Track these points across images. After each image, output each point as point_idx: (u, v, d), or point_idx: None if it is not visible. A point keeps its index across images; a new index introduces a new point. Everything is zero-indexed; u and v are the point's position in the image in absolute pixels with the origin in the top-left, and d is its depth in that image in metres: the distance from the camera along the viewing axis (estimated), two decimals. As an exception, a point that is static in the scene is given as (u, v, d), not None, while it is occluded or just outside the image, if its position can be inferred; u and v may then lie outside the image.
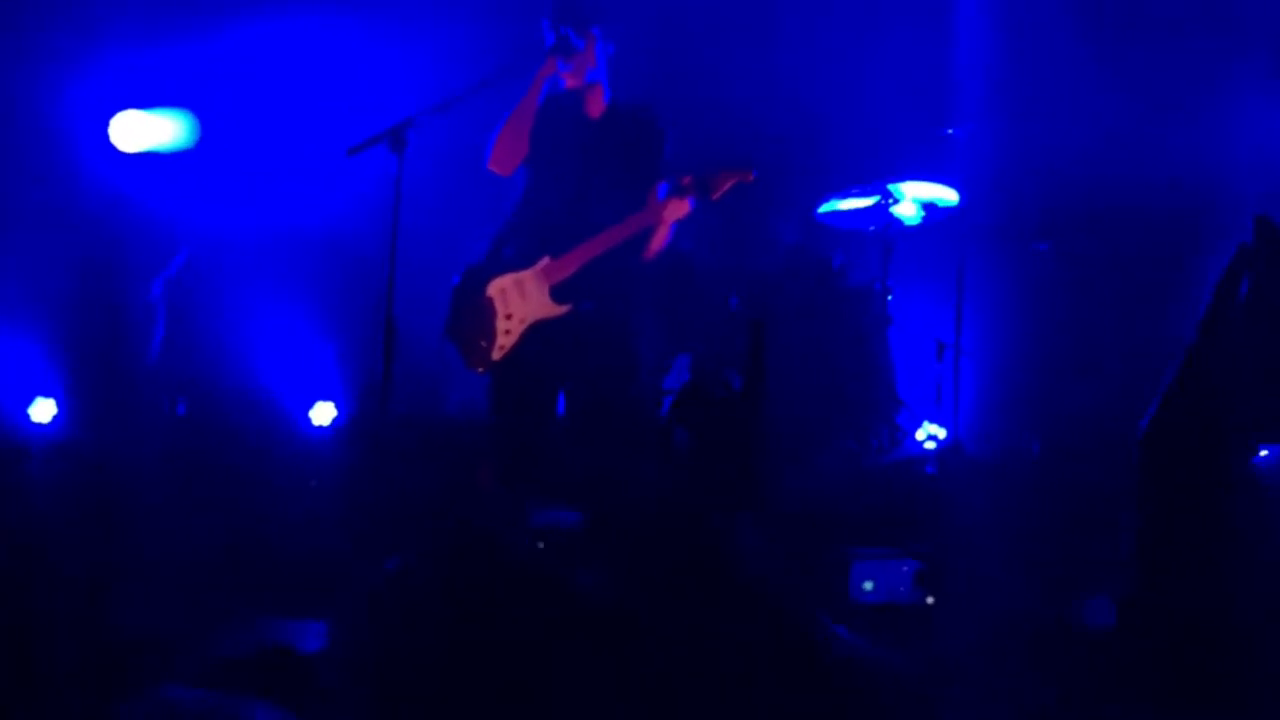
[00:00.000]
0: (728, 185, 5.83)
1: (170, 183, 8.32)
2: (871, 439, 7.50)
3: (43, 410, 7.85)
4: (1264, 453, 4.52)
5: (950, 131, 7.73)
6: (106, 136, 8.30)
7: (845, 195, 7.81)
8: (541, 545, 4.85)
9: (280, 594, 5.31)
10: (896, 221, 7.78)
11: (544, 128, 5.95)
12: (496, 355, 5.87)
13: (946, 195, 7.67)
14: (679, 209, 5.77)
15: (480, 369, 5.95)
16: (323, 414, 8.11)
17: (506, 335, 5.87)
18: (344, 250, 7.99)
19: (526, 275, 5.91)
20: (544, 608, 2.90)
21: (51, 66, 8.00)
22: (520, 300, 5.85)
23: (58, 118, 8.11)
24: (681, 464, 6.38)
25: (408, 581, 3.04)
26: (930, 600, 5.64)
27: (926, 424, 7.82)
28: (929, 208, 7.77)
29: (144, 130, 8.32)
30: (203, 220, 8.33)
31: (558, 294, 5.87)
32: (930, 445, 7.68)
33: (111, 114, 8.28)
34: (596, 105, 6.02)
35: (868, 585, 5.65)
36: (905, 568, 5.62)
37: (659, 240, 5.89)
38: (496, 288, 5.90)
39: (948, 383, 7.63)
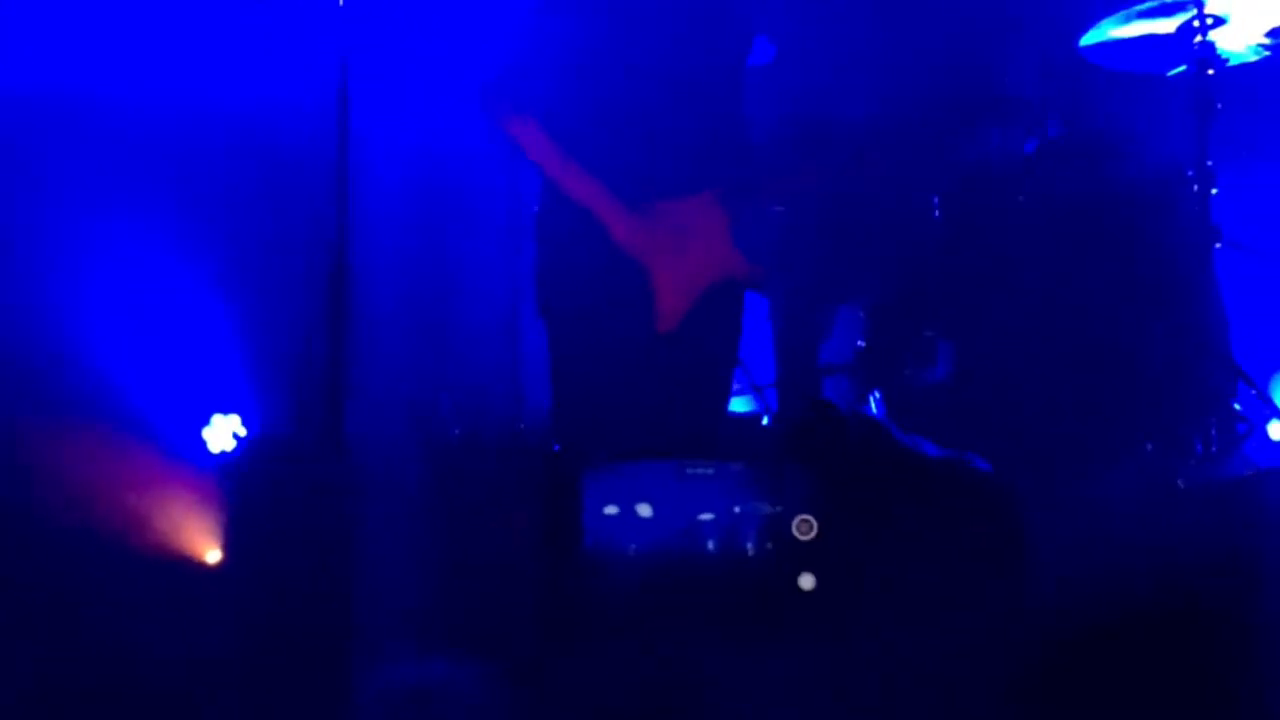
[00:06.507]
0: None
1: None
2: (1193, 439, 6.18)
3: None
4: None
5: None
6: None
7: (1129, 15, 6.26)
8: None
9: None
10: (1220, 60, 6.20)
11: None
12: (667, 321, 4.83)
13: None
14: None
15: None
16: (223, 432, 6.78)
17: (678, 296, 4.85)
18: (253, 142, 6.47)
19: (687, 206, 4.82)
20: None
21: None
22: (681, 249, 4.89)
23: None
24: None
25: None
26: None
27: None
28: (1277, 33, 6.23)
29: None
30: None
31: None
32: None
33: None
34: None
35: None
36: None
37: None
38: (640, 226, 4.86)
39: (1324, 342, 6.48)
